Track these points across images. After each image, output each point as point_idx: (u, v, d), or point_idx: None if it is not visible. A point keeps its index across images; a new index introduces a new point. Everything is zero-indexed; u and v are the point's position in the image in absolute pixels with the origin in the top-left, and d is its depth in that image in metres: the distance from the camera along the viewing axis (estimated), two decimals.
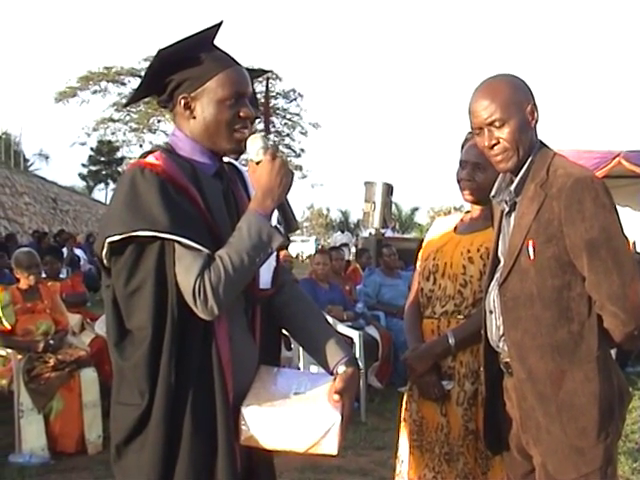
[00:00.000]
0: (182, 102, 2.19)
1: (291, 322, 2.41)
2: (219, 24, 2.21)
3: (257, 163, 2.18)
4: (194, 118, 2.20)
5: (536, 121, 2.45)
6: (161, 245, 2.03)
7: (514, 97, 2.41)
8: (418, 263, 3.25)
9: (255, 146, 2.19)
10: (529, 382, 2.43)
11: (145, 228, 2.00)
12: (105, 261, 2.10)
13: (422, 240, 3.40)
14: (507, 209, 2.52)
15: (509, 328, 2.47)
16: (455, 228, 3.18)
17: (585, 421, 2.37)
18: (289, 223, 2.21)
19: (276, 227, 2.16)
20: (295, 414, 2.12)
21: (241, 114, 2.20)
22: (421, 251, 3.28)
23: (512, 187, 2.47)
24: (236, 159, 2.44)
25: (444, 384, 2.97)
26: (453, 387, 2.96)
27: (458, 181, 3.08)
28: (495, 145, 2.42)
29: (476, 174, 2.99)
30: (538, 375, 2.41)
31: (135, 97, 2.42)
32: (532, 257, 2.37)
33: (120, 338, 2.10)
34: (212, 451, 2.06)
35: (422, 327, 3.11)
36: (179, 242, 2.02)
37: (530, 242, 2.37)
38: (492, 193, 2.58)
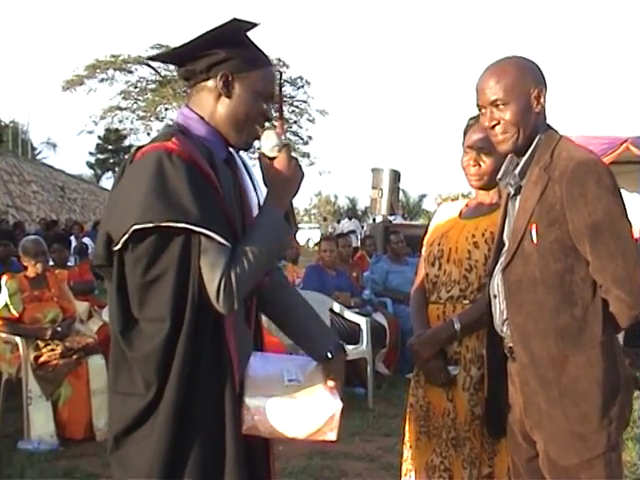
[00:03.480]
0: (223, 78, 2.16)
1: (276, 309, 2.43)
2: (255, 24, 2.20)
3: (270, 159, 2.18)
4: (228, 98, 2.18)
5: (542, 106, 2.43)
6: (187, 236, 1.99)
7: (520, 80, 2.40)
8: (423, 249, 3.25)
9: (270, 142, 2.19)
10: (532, 366, 2.42)
11: (178, 220, 1.96)
12: (118, 246, 2.03)
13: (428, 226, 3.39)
14: (512, 192, 2.51)
15: (512, 312, 2.47)
16: (460, 213, 3.17)
17: (587, 407, 2.35)
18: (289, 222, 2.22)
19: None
20: (299, 403, 2.16)
21: (267, 114, 2.24)
22: (426, 236, 3.27)
23: (517, 170, 2.46)
24: (246, 150, 2.41)
25: (450, 369, 2.96)
26: (459, 372, 2.96)
27: (464, 167, 3.06)
28: (496, 125, 2.42)
29: (481, 159, 2.97)
30: (541, 359, 2.40)
31: (174, 54, 2.32)
32: (535, 241, 2.36)
33: (126, 327, 2.07)
34: (220, 442, 2.06)
35: (428, 312, 3.10)
36: (208, 236, 2.00)
37: (533, 226, 2.36)
38: (499, 176, 2.57)
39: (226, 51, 2.16)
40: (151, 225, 1.96)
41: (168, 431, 2.01)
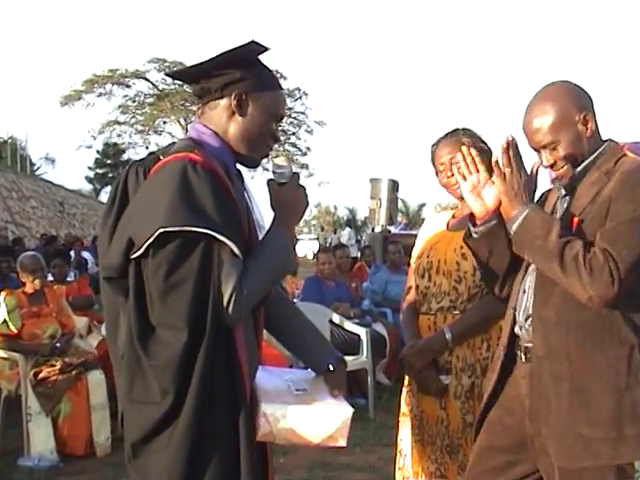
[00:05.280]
0: (236, 97, 2.21)
1: (275, 321, 2.45)
2: (268, 48, 2.25)
3: (279, 184, 2.26)
4: (242, 116, 2.23)
5: (592, 129, 2.41)
6: (208, 245, 2.03)
7: (564, 114, 2.39)
8: (412, 260, 3.28)
9: (282, 169, 2.28)
10: (547, 359, 2.37)
11: (203, 226, 2.00)
12: (141, 251, 2.05)
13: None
14: (564, 193, 2.49)
15: (539, 303, 2.42)
16: (447, 225, 3.21)
17: (596, 411, 2.27)
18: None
19: None
20: (312, 410, 2.21)
21: (275, 134, 2.31)
22: (414, 248, 3.31)
23: (576, 171, 2.43)
24: (254, 167, 2.44)
25: (442, 379, 2.99)
26: (451, 381, 2.97)
27: (445, 185, 3.12)
28: (553, 165, 2.43)
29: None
30: (557, 352, 2.34)
31: (190, 72, 2.35)
32: (573, 233, 2.32)
33: (144, 334, 2.07)
34: (234, 450, 2.08)
35: (419, 323, 3.14)
36: (229, 247, 2.03)
37: (575, 219, 2.33)
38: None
39: (241, 71, 2.22)
40: (177, 229, 1.99)
41: (187, 440, 2.03)
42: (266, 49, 2.24)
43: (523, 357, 2.51)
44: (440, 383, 2.98)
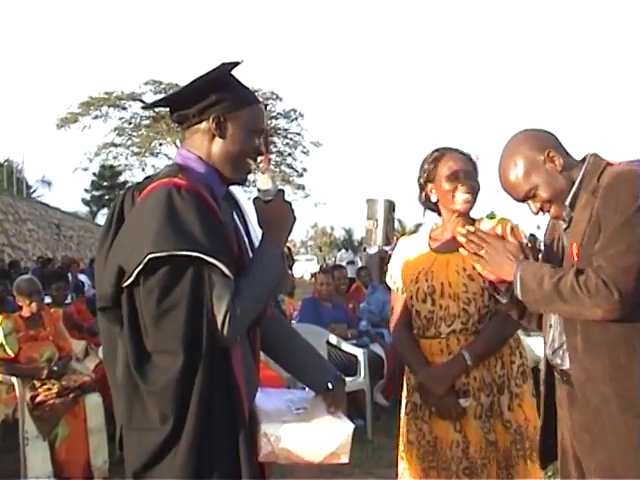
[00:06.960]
0: (215, 120, 2.23)
1: (272, 342, 2.46)
2: (238, 62, 2.26)
3: (265, 202, 2.27)
4: (222, 138, 2.25)
5: (559, 162, 2.46)
6: (197, 267, 2.04)
7: (528, 162, 2.47)
8: (397, 286, 3.25)
9: (267, 186, 2.28)
10: (590, 383, 2.40)
11: (192, 249, 2.01)
12: (131, 278, 2.06)
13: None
14: (565, 225, 2.52)
15: (568, 334, 2.46)
16: (431, 247, 3.19)
17: None
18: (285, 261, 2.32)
19: None
20: (313, 428, 2.23)
21: (259, 148, 2.31)
22: (397, 273, 3.27)
23: (567, 202, 2.48)
24: (241, 184, 2.46)
25: (461, 402, 2.97)
26: (470, 403, 2.97)
27: (449, 193, 3.10)
28: (542, 210, 2.50)
29: (468, 181, 3.07)
30: (596, 375, 2.37)
31: (167, 100, 2.42)
32: (575, 259, 2.37)
33: (140, 361, 2.08)
34: (236, 472, 2.08)
35: (428, 348, 3.10)
36: (219, 268, 2.04)
37: (573, 245, 2.39)
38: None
39: (216, 94, 2.23)
40: (166, 254, 2.00)
41: (189, 464, 2.04)
42: (237, 63, 2.25)
43: (561, 380, 2.55)
44: (460, 407, 2.97)
